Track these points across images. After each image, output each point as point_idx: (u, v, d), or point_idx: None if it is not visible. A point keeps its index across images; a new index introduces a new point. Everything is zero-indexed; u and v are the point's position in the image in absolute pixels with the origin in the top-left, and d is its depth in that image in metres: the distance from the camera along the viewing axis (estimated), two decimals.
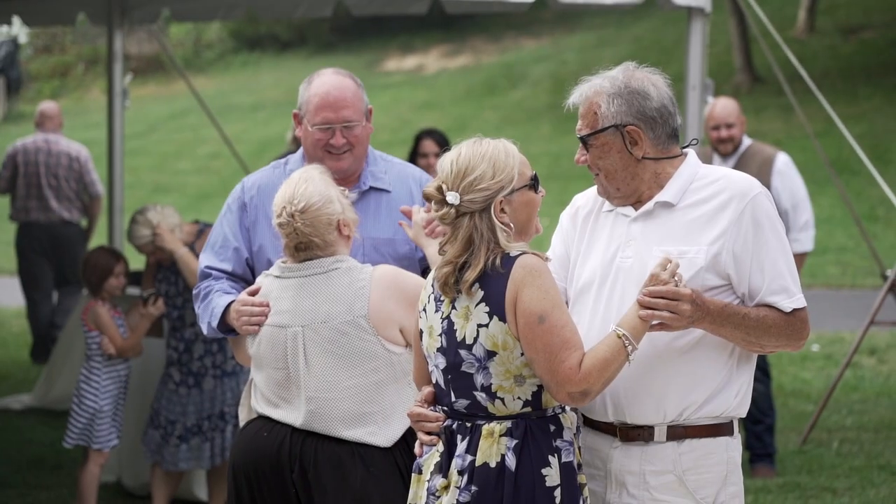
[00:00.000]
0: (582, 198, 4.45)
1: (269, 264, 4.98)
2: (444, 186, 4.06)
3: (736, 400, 4.19)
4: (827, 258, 16.98)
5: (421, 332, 4.23)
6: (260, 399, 4.84)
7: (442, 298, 4.12)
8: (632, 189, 4.22)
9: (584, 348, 3.97)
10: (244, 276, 5.15)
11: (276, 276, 4.80)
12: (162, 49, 19.17)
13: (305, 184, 4.71)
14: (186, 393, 7.80)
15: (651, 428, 4.15)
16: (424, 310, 4.21)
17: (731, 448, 4.23)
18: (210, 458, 7.78)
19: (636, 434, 4.16)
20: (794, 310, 4.13)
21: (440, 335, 4.12)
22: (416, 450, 4.26)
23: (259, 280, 4.90)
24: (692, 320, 4.01)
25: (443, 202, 4.06)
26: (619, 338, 3.97)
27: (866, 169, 9.44)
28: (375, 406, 4.71)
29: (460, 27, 33.58)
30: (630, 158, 4.19)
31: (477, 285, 4.02)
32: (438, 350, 4.13)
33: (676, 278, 4.01)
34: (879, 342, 12.53)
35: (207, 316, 5.05)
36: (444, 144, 8.64)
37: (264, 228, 5.08)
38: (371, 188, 5.21)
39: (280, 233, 4.73)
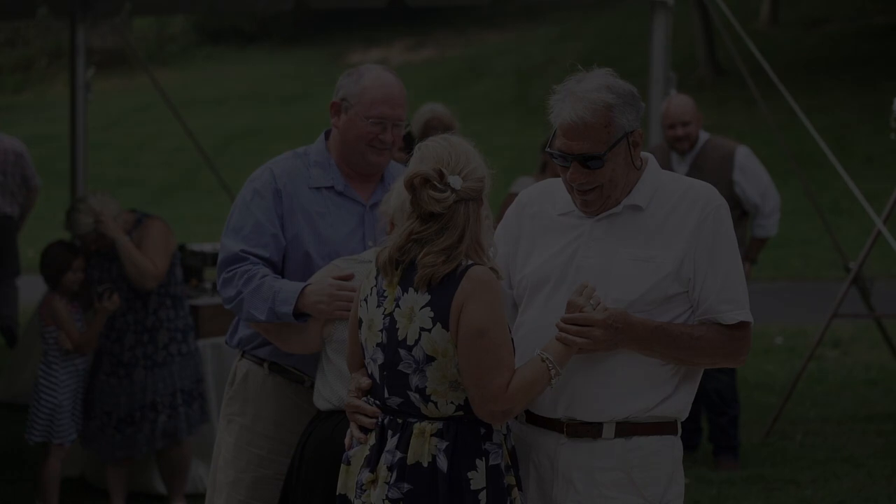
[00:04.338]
0: (526, 196, 4.40)
1: (307, 255, 4.95)
2: (443, 170, 3.98)
3: (685, 405, 4.19)
4: (790, 251, 17.05)
5: (360, 320, 4.16)
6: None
7: (385, 294, 4.05)
8: (623, 195, 4.18)
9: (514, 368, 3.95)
10: (277, 264, 5.04)
11: None
12: (125, 42, 19.06)
13: None
14: (118, 384, 7.77)
15: (599, 424, 4.12)
16: (366, 300, 4.13)
17: (677, 447, 4.23)
18: (140, 447, 7.77)
19: (584, 430, 4.13)
20: (740, 323, 4.12)
21: (381, 331, 4.06)
22: (346, 441, 4.21)
23: (349, 266, 4.78)
24: (611, 344, 4.02)
25: (445, 185, 3.96)
26: (543, 361, 3.97)
27: (829, 161, 9.45)
28: None
29: (424, 20, 33.56)
30: (629, 164, 4.16)
31: (426, 288, 3.96)
32: (378, 346, 4.07)
33: (593, 302, 4.01)
34: (843, 334, 12.57)
35: (267, 301, 4.89)
36: (406, 138, 8.59)
37: (299, 218, 5.03)
38: None
39: None
